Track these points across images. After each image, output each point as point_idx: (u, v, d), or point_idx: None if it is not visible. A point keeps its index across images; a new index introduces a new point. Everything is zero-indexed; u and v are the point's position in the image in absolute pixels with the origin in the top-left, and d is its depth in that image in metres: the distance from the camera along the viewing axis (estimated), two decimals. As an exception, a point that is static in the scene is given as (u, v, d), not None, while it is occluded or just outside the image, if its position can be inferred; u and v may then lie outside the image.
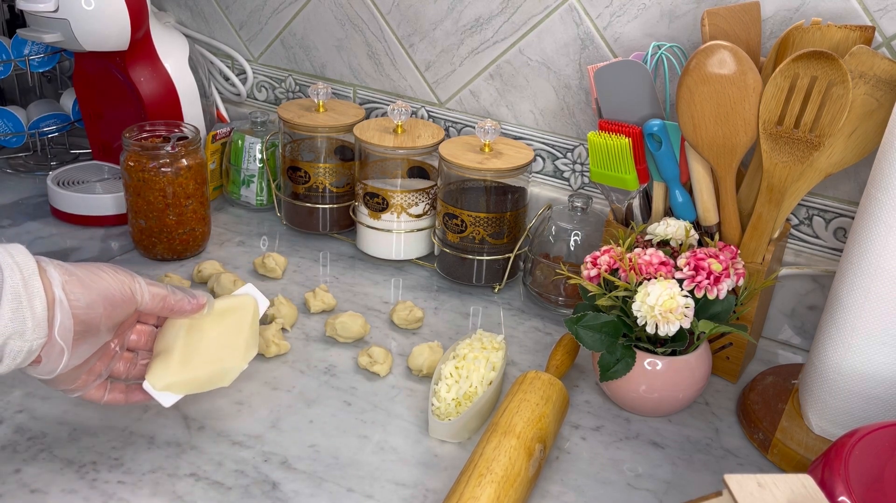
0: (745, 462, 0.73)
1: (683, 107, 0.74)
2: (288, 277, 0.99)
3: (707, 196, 0.79)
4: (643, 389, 0.74)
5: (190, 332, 0.69)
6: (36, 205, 1.14)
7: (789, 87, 0.69)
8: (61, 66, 1.35)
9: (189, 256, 1.02)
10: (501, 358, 0.79)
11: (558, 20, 0.94)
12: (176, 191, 0.97)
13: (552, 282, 0.93)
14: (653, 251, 0.74)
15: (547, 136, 1.01)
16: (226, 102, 1.29)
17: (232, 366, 0.69)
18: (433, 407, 0.74)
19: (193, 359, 0.68)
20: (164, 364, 0.67)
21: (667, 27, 0.88)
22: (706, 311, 0.72)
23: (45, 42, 1.01)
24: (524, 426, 0.66)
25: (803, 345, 0.89)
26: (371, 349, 0.81)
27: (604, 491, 0.68)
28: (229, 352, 0.69)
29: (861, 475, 0.51)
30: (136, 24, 1.03)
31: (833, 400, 0.68)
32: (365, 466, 0.69)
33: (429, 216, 1.02)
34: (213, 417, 0.74)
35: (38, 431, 0.71)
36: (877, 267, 0.63)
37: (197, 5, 1.26)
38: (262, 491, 0.66)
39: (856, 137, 0.72)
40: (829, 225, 0.86)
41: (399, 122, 0.98)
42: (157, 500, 0.64)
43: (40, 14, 1.00)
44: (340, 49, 1.14)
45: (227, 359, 0.69)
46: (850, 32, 0.72)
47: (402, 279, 1.00)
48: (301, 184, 1.06)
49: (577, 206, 0.93)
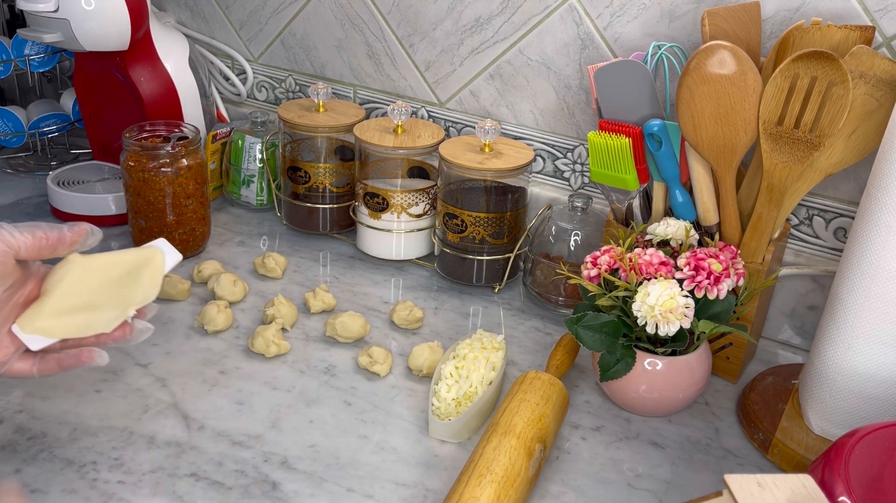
0: (745, 462, 0.73)
1: (683, 107, 0.74)
2: (288, 277, 0.99)
3: (707, 196, 0.79)
4: (643, 389, 0.74)
5: (77, 276, 0.65)
6: (36, 205, 1.14)
7: (789, 87, 0.69)
8: (61, 66, 1.35)
9: (189, 256, 1.02)
10: (501, 358, 0.79)
11: (558, 20, 0.94)
12: (176, 191, 0.97)
13: (552, 282, 0.93)
14: (653, 251, 0.74)
15: (547, 136, 1.01)
16: (226, 102, 1.29)
17: (114, 313, 0.65)
18: (433, 407, 0.74)
19: (72, 301, 0.64)
20: (38, 306, 0.63)
21: (667, 27, 0.88)
22: (706, 311, 0.72)
23: (45, 42, 1.01)
24: (524, 426, 0.66)
25: (803, 345, 0.89)
26: (371, 349, 0.81)
27: (604, 491, 0.68)
28: (116, 299, 0.65)
29: (861, 475, 0.51)
30: (136, 24, 1.03)
31: (833, 400, 0.68)
32: (365, 466, 0.69)
33: (429, 216, 1.02)
34: (213, 417, 0.74)
35: (38, 431, 0.71)
36: (877, 267, 0.63)
37: (197, 5, 1.26)
38: (262, 491, 0.66)
39: (856, 137, 0.72)
40: (829, 225, 0.86)
41: (399, 122, 0.98)
42: (157, 500, 0.64)
43: (40, 14, 1.00)
44: (340, 49, 1.14)
45: (111, 305, 0.65)
46: (850, 32, 0.72)
47: (402, 279, 1.00)
48: (301, 184, 1.06)
49: (577, 206, 0.93)
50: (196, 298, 0.93)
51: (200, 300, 0.93)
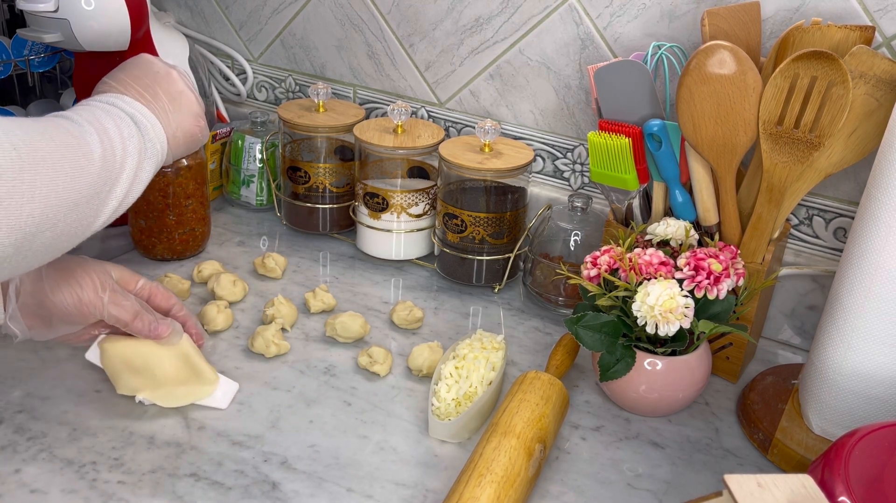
0: (745, 462, 0.73)
1: (683, 107, 0.74)
2: (288, 277, 0.99)
3: (707, 196, 0.79)
4: (643, 389, 0.74)
5: (158, 352, 0.73)
6: (36, 205, 1.14)
7: (789, 87, 0.69)
8: (61, 66, 1.35)
9: (189, 256, 1.02)
10: (501, 358, 0.79)
11: (558, 20, 0.94)
12: (176, 191, 0.97)
13: (552, 282, 0.93)
14: (653, 251, 0.74)
15: (547, 136, 1.01)
16: (226, 102, 1.29)
17: (151, 388, 0.74)
18: (433, 407, 0.74)
19: (138, 362, 0.73)
20: (118, 344, 0.73)
21: (667, 27, 0.88)
22: (706, 311, 0.72)
23: (45, 42, 1.01)
24: (524, 426, 0.66)
25: (803, 345, 0.89)
26: (371, 349, 0.81)
27: (604, 491, 0.68)
28: (163, 379, 0.74)
29: (861, 475, 0.51)
30: (136, 23, 1.03)
31: (833, 400, 0.68)
32: (365, 466, 0.69)
33: (429, 216, 1.02)
34: (213, 417, 0.74)
35: (38, 431, 0.71)
36: (877, 267, 0.63)
37: (197, 5, 1.26)
38: (262, 491, 0.66)
39: (856, 137, 0.72)
40: (829, 225, 0.86)
41: (399, 122, 0.98)
42: (157, 500, 0.64)
43: (40, 14, 1.00)
44: (340, 49, 1.14)
45: (156, 383, 0.74)
46: (850, 32, 0.72)
47: (402, 279, 1.00)
48: (301, 184, 1.06)
49: (577, 206, 0.93)
50: (196, 298, 0.93)
51: (200, 300, 0.93)
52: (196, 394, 0.74)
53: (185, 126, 0.73)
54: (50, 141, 0.56)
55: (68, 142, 0.58)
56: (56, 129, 0.58)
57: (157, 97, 0.70)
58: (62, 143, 0.57)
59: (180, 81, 0.73)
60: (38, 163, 0.54)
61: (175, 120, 0.71)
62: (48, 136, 0.56)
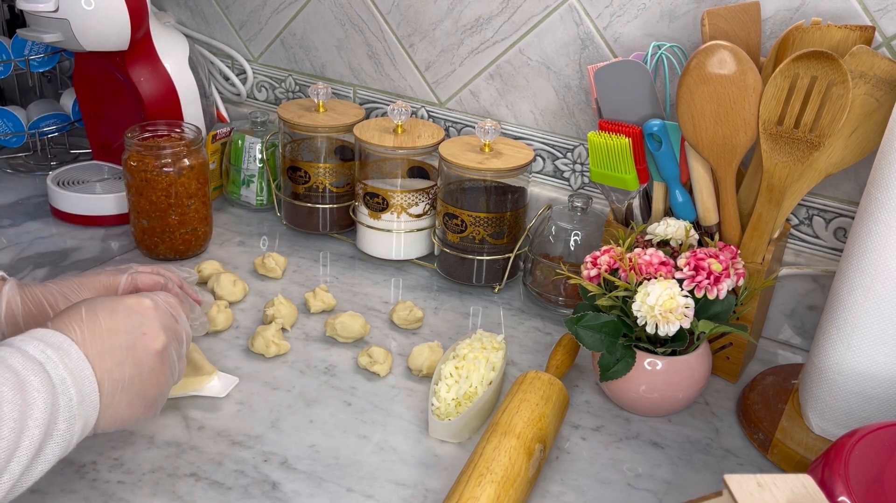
0: (745, 462, 0.73)
1: (683, 107, 0.74)
2: (288, 277, 0.99)
3: (707, 196, 0.79)
4: (643, 389, 0.74)
5: None
6: (36, 205, 1.14)
7: (789, 87, 0.69)
8: (61, 66, 1.35)
9: (191, 256, 1.02)
10: (501, 358, 0.79)
11: (558, 20, 0.94)
12: (178, 190, 0.97)
13: (552, 282, 0.93)
14: (653, 251, 0.74)
15: (547, 136, 1.01)
16: (226, 102, 1.29)
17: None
18: (433, 407, 0.74)
19: None
20: None
21: (667, 27, 0.88)
22: (706, 311, 0.72)
23: (45, 42, 1.01)
24: (524, 426, 0.66)
25: (803, 345, 0.89)
26: (371, 349, 0.81)
27: (604, 491, 0.68)
28: None
29: (861, 475, 0.51)
30: (136, 24, 1.03)
31: (833, 400, 0.68)
32: (365, 466, 0.69)
33: (429, 216, 1.02)
34: (213, 417, 0.74)
35: (38, 431, 0.71)
36: (877, 267, 0.63)
37: (197, 5, 1.26)
38: (262, 491, 0.66)
39: (856, 137, 0.72)
40: (829, 225, 0.86)
41: (399, 122, 0.98)
42: (157, 500, 0.64)
43: (40, 14, 1.00)
44: (340, 49, 1.14)
45: None
46: (850, 32, 0.72)
47: (402, 279, 1.00)
48: (301, 184, 1.06)
49: (577, 206, 0.93)
50: (196, 298, 0.93)
51: (200, 300, 0.93)
52: (194, 384, 0.75)
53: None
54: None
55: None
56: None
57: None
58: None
59: None
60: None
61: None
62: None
